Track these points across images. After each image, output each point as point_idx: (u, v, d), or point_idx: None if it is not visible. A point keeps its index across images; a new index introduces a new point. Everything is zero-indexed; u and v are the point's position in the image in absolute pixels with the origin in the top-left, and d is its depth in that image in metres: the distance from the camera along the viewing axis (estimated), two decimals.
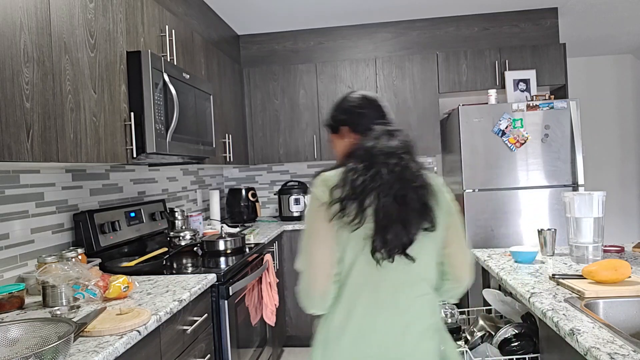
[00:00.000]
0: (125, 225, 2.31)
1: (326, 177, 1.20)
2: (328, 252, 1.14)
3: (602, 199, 1.83)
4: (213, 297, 2.03)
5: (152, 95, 1.97)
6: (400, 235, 1.10)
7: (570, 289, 1.51)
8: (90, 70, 1.72)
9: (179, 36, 2.49)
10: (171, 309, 1.55)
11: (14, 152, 1.32)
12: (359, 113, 1.31)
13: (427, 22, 4.10)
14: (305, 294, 1.17)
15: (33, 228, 1.86)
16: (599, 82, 4.84)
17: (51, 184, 1.98)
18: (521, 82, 3.63)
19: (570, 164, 3.25)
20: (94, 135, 1.71)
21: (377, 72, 3.82)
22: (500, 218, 3.29)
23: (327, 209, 1.13)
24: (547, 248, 2.07)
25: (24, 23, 1.38)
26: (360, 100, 1.33)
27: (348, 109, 1.33)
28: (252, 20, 3.93)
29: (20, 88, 1.36)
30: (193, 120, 2.39)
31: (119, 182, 2.49)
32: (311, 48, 4.22)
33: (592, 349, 1.05)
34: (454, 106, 4.12)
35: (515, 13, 4.01)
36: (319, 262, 1.14)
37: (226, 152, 3.28)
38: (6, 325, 1.18)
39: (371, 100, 1.34)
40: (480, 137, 3.30)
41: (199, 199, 3.62)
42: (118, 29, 1.92)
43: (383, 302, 1.14)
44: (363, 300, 1.14)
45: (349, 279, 1.15)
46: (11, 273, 1.74)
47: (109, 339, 1.25)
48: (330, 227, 1.13)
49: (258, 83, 3.95)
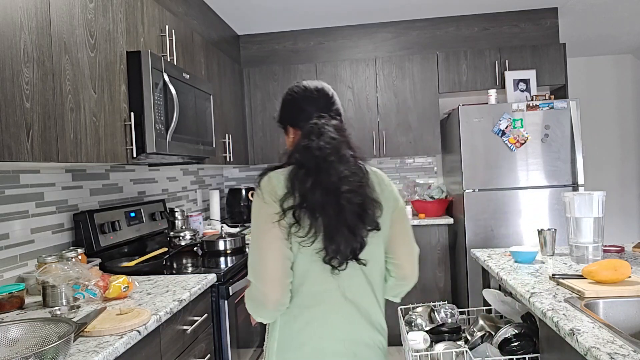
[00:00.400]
0: (125, 225, 2.31)
1: (273, 180, 1.13)
2: (281, 262, 1.08)
3: (602, 199, 1.83)
4: (213, 297, 2.03)
5: (152, 95, 1.97)
6: (349, 241, 1.07)
7: (570, 289, 1.51)
8: (90, 70, 1.72)
9: (179, 36, 2.49)
10: (171, 309, 1.55)
11: (14, 152, 1.32)
12: (298, 108, 1.23)
13: (427, 22, 4.10)
14: (257, 305, 1.10)
15: (33, 228, 1.86)
16: (599, 82, 4.84)
17: (51, 184, 1.98)
18: (521, 82, 3.63)
19: (570, 164, 3.25)
20: (94, 135, 1.71)
21: (377, 72, 3.82)
22: (500, 218, 3.29)
23: (279, 218, 1.08)
24: (547, 248, 2.07)
25: (24, 23, 1.38)
26: (297, 94, 1.25)
27: (287, 105, 1.27)
28: (252, 20, 3.93)
29: (20, 88, 1.36)
30: (193, 120, 2.39)
31: (119, 182, 2.49)
32: (311, 48, 4.22)
33: (592, 349, 1.05)
34: (454, 106, 4.12)
35: (515, 13, 4.01)
36: (273, 273, 1.07)
37: (226, 152, 3.28)
38: (6, 325, 1.18)
39: (310, 90, 1.24)
40: (480, 137, 3.30)
41: (199, 199, 3.62)
42: (118, 29, 1.92)
43: (340, 309, 1.11)
44: (321, 308, 1.10)
45: (304, 287, 1.11)
46: (11, 273, 1.74)
47: (109, 339, 1.25)
48: (281, 235, 1.08)
49: (258, 83, 3.95)
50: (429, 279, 3.55)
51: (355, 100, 3.84)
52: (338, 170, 1.08)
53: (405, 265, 1.21)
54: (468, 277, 3.32)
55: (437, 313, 2.14)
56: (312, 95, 1.23)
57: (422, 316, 2.11)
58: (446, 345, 1.95)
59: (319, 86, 1.26)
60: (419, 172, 4.18)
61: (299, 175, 1.09)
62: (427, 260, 3.55)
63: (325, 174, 1.08)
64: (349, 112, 3.85)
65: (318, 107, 1.22)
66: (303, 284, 1.11)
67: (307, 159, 1.10)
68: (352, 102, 3.85)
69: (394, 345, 3.62)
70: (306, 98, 1.23)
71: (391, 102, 3.81)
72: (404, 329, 2.06)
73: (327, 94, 1.25)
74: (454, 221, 3.61)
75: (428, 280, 3.55)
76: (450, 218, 3.55)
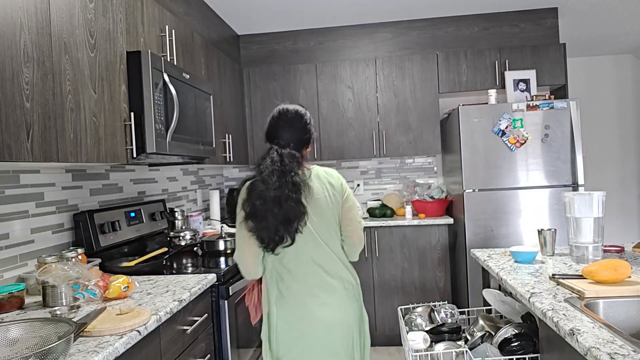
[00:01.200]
0: (125, 225, 2.31)
1: (244, 189, 1.60)
2: (252, 248, 1.59)
3: (602, 199, 1.83)
4: (213, 297, 2.03)
5: (152, 95, 1.97)
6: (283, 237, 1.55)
7: (570, 289, 1.51)
8: (90, 70, 1.72)
9: (179, 36, 2.49)
10: (171, 309, 1.55)
11: (14, 152, 1.32)
12: (272, 127, 1.67)
13: (427, 22, 4.10)
14: (242, 271, 1.65)
15: (33, 228, 1.86)
16: (599, 82, 4.84)
17: (51, 184, 1.98)
18: (521, 82, 3.63)
19: (570, 164, 3.25)
20: (94, 135, 1.71)
21: (377, 72, 3.82)
22: (500, 218, 3.29)
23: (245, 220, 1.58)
24: (547, 248, 2.07)
25: (24, 23, 1.38)
26: (275, 116, 1.67)
27: (267, 127, 1.69)
28: (252, 20, 3.93)
29: (20, 88, 1.36)
30: (193, 120, 2.39)
31: (119, 182, 2.49)
32: (311, 48, 4.23)
33: (592, 349, 1.05)
34: (454, 106, 4.13)
35: (515, 13, 4.01)
36: (248, 255, 1.61)
37: (226, 152, 3.28)
38: (6, 325, 1.18)
39: (282, 113, 1.67)
40: (480, 137, 3.30)
41: (199, 199, 3.62)
42: (118, 29, 1.92)
43: (296, 276, 1.61)
44: (284, 277, 1.62)
45: (267, 264, 1.65)
46: (11, 273, 1.74)
47: (109, 339, 1.25)
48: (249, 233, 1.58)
49: (258, 83, 3.95)
50: (429, 279, 3.55)
51: (355, 100, 3.84)
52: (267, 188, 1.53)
53: (352, 235, 1.69)
54: (468, 277, 3.32)
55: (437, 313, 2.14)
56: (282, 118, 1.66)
57: (422, 316, 2.11)
58: (446, 345, 1.95)
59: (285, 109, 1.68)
60: (419, 172, 4.18)
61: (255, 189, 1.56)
62: (427, 260, 3.55)
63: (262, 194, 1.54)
64: (349, 112, 3.85)
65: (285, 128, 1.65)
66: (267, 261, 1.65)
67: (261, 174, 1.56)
68: (352, 102, 3.85)
69: (394, 345, 3.62)
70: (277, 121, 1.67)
71: (391, 102, 3.81)
72: (404, 329, 2.06)
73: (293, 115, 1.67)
74: (454, 221, 3.61)
75: (428, 280, 3.55)
76: (450, 218, 3.55)
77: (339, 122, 3.86)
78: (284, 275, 1.63)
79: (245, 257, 1.61)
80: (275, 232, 1.53)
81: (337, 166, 4.26)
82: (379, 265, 3.57)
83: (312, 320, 1.60)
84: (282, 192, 1.52)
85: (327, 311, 1.60)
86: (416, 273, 3.55)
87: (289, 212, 1.53)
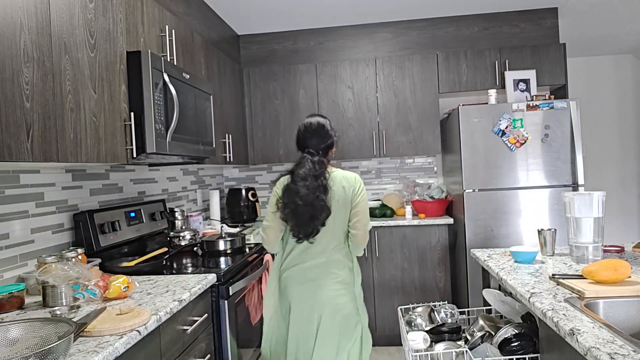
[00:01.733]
0: (125, 225, 2.31)
1: (280, 183, 2.00)
2: (277, 228, 1.97)
3: (602, 199, 1.83)
4: (213, 297, 2.03)
5: (152, 95, 1.97)
6: (308, 229, 1.91)
7: (570, 289, 1.51)
8: (90, 70, 1.72)
9: (179, 36, 2.49)
10: (171, 309, 1.55)
11: (14, 152, 1.32)
12: (301, 139, 2.03)
13: (427, 22, 4.10)
14: (264, 242, 2.01)
15: (33, 228, 1.86)
16: (599, 82, 4.84)
17: (51, 184, 1.98)
18: (521, 82, 3.63)
19: (570, 164, 3.25)
20: (94, 135, 1.71)
21: (377, 72, 3.82)
22: (500, 218, 3.29)
23: (277, 208, 1.95)
24: (547, 248, 2.07)
25: (24, 23, 1.38)
26: (302, 129, 2.04)
27: (297, 139, 2.06)
28: (252, 20, 3.93)
29: (20, 88, 1.36)
30: (193, 120, 2.39)
31: (119, 182, 2.49)
32: (311, 48, 4.23)
33: (592, 349, 1.05)
34: (454, 106, 4.13)
35: (515, 13, 4.01)
36: (272, 232, 1.98)
37: (226, 152, 3.28)
38: (6, 325, 1.18)
39: (307, 126, 2.03)
40: (480, 137, 3.30)
41: (199, 199, 3.62)
42: (118, 29, 1.92)
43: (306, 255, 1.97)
44: (294, 253, 1.98)
45: (287, 244, 2.01)
46: (11, 273, 1.74)
47: (109, 339, 1.25)
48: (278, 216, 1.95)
49: (258, 83, 3.95)
50: (429, 279, 3.55)
51: (355, 100, 3.84)
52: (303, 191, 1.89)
53: (357, 234, 1.97)
54: (468, 277, 3.32)
55: (437, 313, 2.14)
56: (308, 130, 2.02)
57: (422, 316, 2.11)
58: (446, 345, 1.95)
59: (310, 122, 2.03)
60: (419, 172, 4.18)
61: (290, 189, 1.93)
62: (427, 260, 3.55)
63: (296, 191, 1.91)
64: (349, 112, 3.85)
65: (312, 139, 2.01)
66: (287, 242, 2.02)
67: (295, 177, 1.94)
68: (352, 102, 3.85)
69: (394, 345, 3.62)
70: (304, 133, 2.03)
71: (391, 102, 3.81)
72: (404, 329, 2.06)
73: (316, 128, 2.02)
74: (454, 221, 3.61)
75: (428, 280, 3.55)
76: (450, 218, 3.55)
77: (339, 122, 3.86)
78: (297, 255, 1.99)
79: (270, 232, 1.98)
80: (307, 227, 1.90)
81: (337, 166, 4.26)
82: (379, 265, 3.57)
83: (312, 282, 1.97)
84: (314, 193, 1.88)
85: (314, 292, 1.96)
86: (416, 273, 3.55)
87: (317, 210, 1.88)
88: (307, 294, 1.93)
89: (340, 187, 1.95)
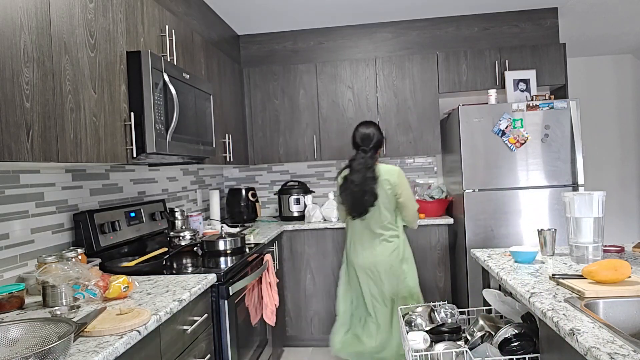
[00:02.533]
0: (125, 225, 2.31)
1: (341, 176, 2.72)
2: (341, 208, 2.76)
3: (602, 199, 1.83)
4: (213, 297, 2.03)
5: (152, 95, 1.97)
6: (359, 208, 2.63)
7: (570, 289, 1.51)
8: (90, 70, 1.72)
9: (179, 36, 2.49)
10: (171, 309, 1.55)
11: (14, 152, 1.32)
12: (356, 141, 2.72)
13: (427, 22, 4.10)
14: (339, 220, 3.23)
15: (33, 228, 1.86)
16: (599, 82, 4.84)
17: (51, 184, 1.98)
18: (521, 82, 3.63)
19: (570, 164, 3.25)
20: (94, 135, 1.71)
21: (377, 72, 3.82)
22: (500, 218, 3.29)
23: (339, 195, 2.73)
24: (547, 248, 2.07)
25: (24, 23, 1.38)
26: (355, 135, 2.73)
27: (352, 139, 2.74)
28: (252, 20, 3.93)
29: (20, 88, 1.36)
30: (193, 120, 2.39)
31: (119, 182, 2.49)
32: (311, 48, 4.23)
33: (592, 349, 1.05)
34: (454, 106, 4.13)
35: (515, 13, 4.01)
36: (340, 212, 2.82)
37: (226, 152, 3.28)
38: (6, 325, 1.18)
39: (359, 130, 2.73)
40: (480, 137, 3.30)
41: (199, 199, 3.62)
42: (118, 29, 1.92)
43: (362, 234, 2.72)
44: (354, 230, 2.75)
45: (349, 223, 2.78)
46: (11, 273, 1.74)
47: (109, 339, 1.25)
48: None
49: (258, 83, 3.95)
50: (429, 279, 3.55)
51: (355, 100, 3.84)
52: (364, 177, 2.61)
53: (407, 214, 2.71)
54: (468, 277, 3.32)
55: (437, 313, 2.14)
56: (359, 132, 2.72)
57: (422, 316, 2.11)
58: (446, 345, 1.95)
59: (365, 128, 2.73)
60: (419, 172, 4.18)
61: (347, 181, 2.66)
62: (427, 260, 3.55)
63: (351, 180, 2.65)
64: (349, 112, 3.85)
65: (363, 140, 2.70)
66: (348, 221, 2.79)
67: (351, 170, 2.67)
68: (352, 102, 3.85)
69: None
70: (357, 133, 2.73)
71: (391, 102, 3.81)
72: (404, 329, 2.06)
73: (369, 132, 2.71)
74: (454, 221, 3.61)
75: (428, 280, 3.55)
76: (450, 218, 3.55)
77: (339, 122, 3.86)
78: (355, 230, 2.74)
79: (339, 212, 2.82)
80: (360, 208, 2.60)
81: (337, 166, 4.26)
82: None
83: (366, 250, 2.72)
84: (366, 183, 2.57)
85: (371, 252, 2.70)
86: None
87: (367, 196, 2.57)
88: (366, 258, 2.69)
89: (384, 178, 2.62)
